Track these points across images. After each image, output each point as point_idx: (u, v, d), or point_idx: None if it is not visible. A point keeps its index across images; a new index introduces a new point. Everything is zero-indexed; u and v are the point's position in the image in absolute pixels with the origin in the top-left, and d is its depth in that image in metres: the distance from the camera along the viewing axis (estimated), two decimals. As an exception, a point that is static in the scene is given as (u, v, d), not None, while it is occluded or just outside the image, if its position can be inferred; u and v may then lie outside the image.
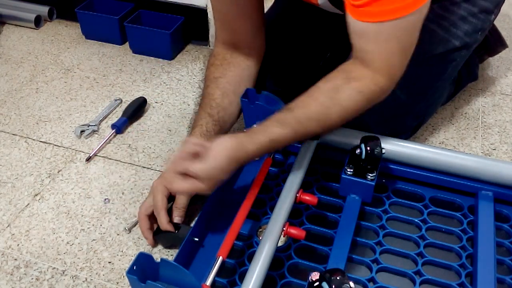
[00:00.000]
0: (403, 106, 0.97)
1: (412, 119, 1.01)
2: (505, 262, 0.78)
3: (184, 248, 0.76)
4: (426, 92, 0.98)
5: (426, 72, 0.96)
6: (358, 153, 0.83)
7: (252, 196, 0.80)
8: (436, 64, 0.96)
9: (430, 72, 0.96)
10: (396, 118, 0.98)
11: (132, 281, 0.67)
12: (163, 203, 0.80)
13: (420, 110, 1.01)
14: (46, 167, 1.01)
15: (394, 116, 0.97)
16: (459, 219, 0.85)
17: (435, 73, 0.97)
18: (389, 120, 0.97)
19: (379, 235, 0.82)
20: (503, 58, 1.35)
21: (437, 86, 1.00)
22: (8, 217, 0.90)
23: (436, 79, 0.98)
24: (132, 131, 1.11)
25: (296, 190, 0.81)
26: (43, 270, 0.81)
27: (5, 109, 1.18)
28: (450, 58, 0.96)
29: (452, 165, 0.87)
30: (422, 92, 0.98)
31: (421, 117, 1.03)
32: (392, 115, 0.97)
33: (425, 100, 1.00)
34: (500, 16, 1.51)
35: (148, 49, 1.36)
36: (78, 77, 1.29)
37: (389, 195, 0.90)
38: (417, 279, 0.76)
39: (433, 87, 0.99)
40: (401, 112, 0.97)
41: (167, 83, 1.26)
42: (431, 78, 0.97)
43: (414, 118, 1.01)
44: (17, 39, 1.46)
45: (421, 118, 1.03)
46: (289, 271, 0.77)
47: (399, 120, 0.99)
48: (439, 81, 0.99)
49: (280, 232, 0.74)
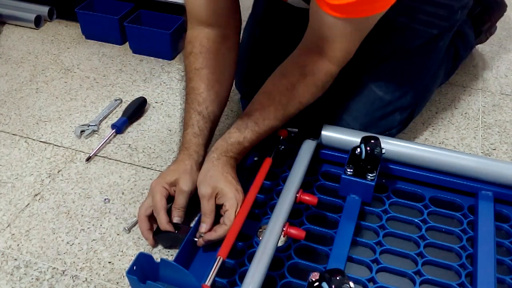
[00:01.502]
0: (390, 104, 0.97)
1: (402, 113, 1.00)
2: (505, 262, 0.78)
3: (184, 248, 0.76)
4: (412, 84, 0.98)
5: (408, 66, 0.96)
6: (358, 153, 0.83)
7: (252, 196, 0.80)
8: (417, 56, 0.96)
9: (412, 65, 0.96)
10: (385, 117, 0.98)
11: (132, 281, 0.67)
12: (162, 203, 0.81)
13: (409, 102, 1.00)
14: (46, 167, 1.01)
15: (383, 116, 0.97)
16: (459, 219, 0.85)
17: (417, 65, 0.97)
18: (378, 119, 0.97)
19: (379, 235, 0.82)
20: (503, 58, 1.35)
21: (424, 75, 0.99)
22: (8, 217, 0.90)
23: (420, 69, 0.98)
24: (132, 131, 1.11)
25: (296, 190, 0.81)
26: (43, 270, 0.81)
27: (5, 109, 1.18)
28: (430, 47, 0.96)
29: (452, 165, 0.87)
30: (408, 85, 0.97)
31: (411, 106, 1.01)
32: (380, 116, 0.97)
33: (413, 91, 0.99)
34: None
35: (148, 49, 1.36)
36: (78, 77, 1.29)
37: (389, 195, 0.90)
38: (417, 279, 0.76)
39: (419, 77, 0.98)
40: (389, 110, 0.97)
41: (167, 83, 1.26)
42: (415, 70, 0.97)
43: (404, 111, 1.00)
44: (17, 39, 1.46)
45: (411, 107, 1.01)
46: (289, 271, 0.77)
47: (388, 118, 0.98)
48: (424, 70, 0.98)
49: (280, 232, 0.74)
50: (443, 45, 0.98)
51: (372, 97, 0.95)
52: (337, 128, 0.94)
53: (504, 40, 1.44)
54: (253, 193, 0.80)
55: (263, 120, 0.84)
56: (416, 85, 0.98)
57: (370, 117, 0.96)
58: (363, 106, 0.95)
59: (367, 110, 0.95)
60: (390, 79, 0.94)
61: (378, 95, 0.94)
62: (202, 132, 0.88)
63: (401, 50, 0.94)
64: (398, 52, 0.93)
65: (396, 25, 0.91)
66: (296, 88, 0.83)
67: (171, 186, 0.83)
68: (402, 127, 1.02)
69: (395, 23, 0.91)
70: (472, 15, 1.21)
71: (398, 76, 0.95)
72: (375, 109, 0.95)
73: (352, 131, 0.93)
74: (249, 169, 0.92)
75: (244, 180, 0.90)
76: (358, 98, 0.95)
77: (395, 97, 0.96)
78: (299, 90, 0.84)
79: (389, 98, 0.95)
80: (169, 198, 0.83)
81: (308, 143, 0.92)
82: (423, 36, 0.93)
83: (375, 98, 0.95)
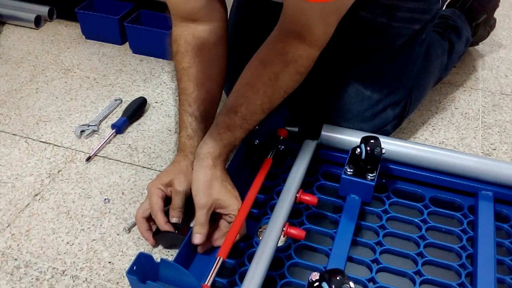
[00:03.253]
0: (379, 102, 0.97)
1: (394, 108, 0.99)
2: (505, 262, 0.78)
3: (184, 248, 0.76)
4: (399, 80, 0.98)
5: (393, 64, 0.96)
6: (358, 153, 0.83)
7: (252, 196, 0.80)
8: (401, 52, 0.96)
9: (397, 62, 0.96)
10: (377, 114, 0.98)
11: (132, 281, 0.67)
12: (158, 205, 0.81)
13: (399, 97, 0.99)
14: (46, 167, 1.01)
15: (375, 114, 0.97)
16: (459, 219, 0.85)
17: (402, 60, 0.97)
18: (370, 118, 0.97)
19: (379, 235, 0.82)
20: (503, 58, 1.35)
21: (410, 69, 0.99)
22: (8, 217, 0.90)
23: (406, 64, 0.97)
24: (132, 131, 1.11)
25: (296, 190, 0.81)
26: (43, 270, 0.81)
27: (5, 109, 1.18)
28: (413, 41, 0.95)
29: (452, 165, 0.87)
30: (396, 81, 0.97)
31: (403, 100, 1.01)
32: (372, 115, 0.97)
33: (402, 86, 0.99)
34: (500, 16, 1.52)
35: (148, 49, 1.36)
36: (78, 77, 1.29)
37: (389, 195, 0.90)
38: (417, 279, 0.76)
39: (405, 72, 0.98)
40: (380, 108, 0.97)
41: (167, 83, 1.26)
42: (400, 66, 0.97)
43: (396, 106, 1.00)
44: (17, 39, 1.46)
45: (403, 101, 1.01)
46: (289, 271, 0.77)
47: (381, 115, 0.98)
48: (410, 64, 0.98)
49: (280, 232, 0.74)
50: (426, 36, 0.98)
51: (360, 97, 0.95)
52: (337, 128, 0.94)
53: (504, 40, 1.44)
54: (253, 193, 0.80)
55: (251, 116, 0.82)
56: (404, 80, 0.98)
57: (361, 117, 0.96)
58: (353, 107, 0.95)
59: (358, 111, 0.95)
60: (377, 78, 0.94)
61: (366, 95, 0.95)
62: (196, 134, 0.87)
63: (384, 49, 0.94)
64: (382, 52, 0.93)
65: (377, 26, 0.91)
66: (279, 78, 0.81)
67: (167, 187, 0.83)
68: (398, 121, 1.02)
69: (375, 24, 0.91)
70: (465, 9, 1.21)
71: (384, 74, 0.95)
72: (365, 109, 0.96)
73: (352, 131, 0.93)
74: (249, 169, 0.92)
75: (244, 180, 0.91)
76: (347, 101, 0.96)
77: (383, 94, 0.96)
78: (283, 79, 0.82)
79: (378, 97, 0.96)
80: (168, 199, 0.83)
81: (308, 143, 0.92)
82: (406, 33, 0.93)
83: (363, 98, 0.95)
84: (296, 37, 0.80)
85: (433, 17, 0.96)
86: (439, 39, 1.13)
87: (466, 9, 1.21)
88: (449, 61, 1.16)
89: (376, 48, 0.93)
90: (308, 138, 0.94)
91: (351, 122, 0.96)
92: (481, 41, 1.33)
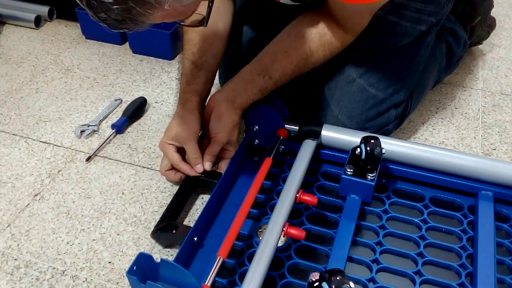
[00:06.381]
0: (384, 102, 0.97)
1: (397, 108, 1.00)
2: (505, 262, 0.78)
3: (184, 248, 0.76)
4: (404, 80, 0.99)
5: (398, 64, 0.97)
6: (358, 153, 0.83)
7: (252, 196, 0.80)
8: (407, 52, 0.97)
9: (402, 62, 0.98)
10: (381, 114, 0.98)
11: (132, 281, 0.67)
12: (176, 156, 0.89)
13: (402, 97, 1.00)
14: (46, 167, 1.01)
15: (378, 114, 0.98)
16: (459, 219, 0.85)
17: (408, 61, 0.98)
18: (374, 117, 0.97)
19: (379, 235, 0.82)
20: (503, 58, 1.35)
21: (414, 70, 1.00)
22: (8, 217, 0.90)
23: (411, 65, 0.99)
24: (132, 131, 1.11)
25: (296, 190, 0.81)
26: (43, 270, 0.81)
27: (5, 109, 1.18)
28: (419, 42, 0.97)
29: (452, 165, 0.87)
30: (400, 81, 0.98)
31: (406, 101, 1.01)
32: (376, 114, 0.97)
33: (406, 86, 0.99)
34: (500, 16, 1.52)
35: (148, 49, 1.36)
36: (78, 77, 1.29)
37: (389, 195, 0.90)
38: (417, 279, 0.76)
39: (410, 73, 0.99)
40: (384, 107, 0.98)
41: (167, 83, 1.26)
42: (405, 66, 0.98)
43: (398, 106, 1.00)
44: (17, 39, 1.46)
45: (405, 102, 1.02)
46: (289, 271, 0.77)
47: (384, 115, 0.99)
48: (414, 66, 1.00)
49: (280, 232, 0.74)
50: (431, 39, 1.00)
51: (365, 95, 0.96)
52: (337, 128, 0.94)
53: (504, 40, 1.44)
54: (253, 193, 0.80)
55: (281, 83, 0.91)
56: (408, 81, 0.99)
57: (365, 116, 0.96)
58: (357, 105, 0.96)
59: (362, 109, 0.96)
60: (382, 77, 0.96)
61: (371, 93, 0.96)
62: (195, 80, 0.93)
63: (391, 48, 0.95)
64: (388, 50, 0.94)
65: (386, 24, 0.93)
66: (314, 54, 0.90)
67: (176, 140, 0.90)
68: (399, 121, 1.02)
69: (385, 22, 0.93)
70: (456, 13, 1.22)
71: (389, 73, 0.96)
72: (370, 107, 0.96)
73: (352, 131, 0.93)
74: (249, 169, 0.92)
75: (244, 180, 0.91)
76: (352, 98, 0.96)
77: (388, 94, 0.97)
78: (316, 56, 0.90)
79: (383, 96, 0.96)
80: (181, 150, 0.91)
81: (308, 143, 0.92)
82: (412, 33, 0.95)
83: (368, 96, 0.96)
84: (335, 22, 0.88)
85: (438, 21, 0.97)
86: (436, 41, 1.13)
87: (458, 14, 1.22)
88: (447, 63, 1.16)
89: (383, 46, 0.95)
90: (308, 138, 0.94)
91: (354, 120, 0.96)
92: (482, 41, 1.33)
